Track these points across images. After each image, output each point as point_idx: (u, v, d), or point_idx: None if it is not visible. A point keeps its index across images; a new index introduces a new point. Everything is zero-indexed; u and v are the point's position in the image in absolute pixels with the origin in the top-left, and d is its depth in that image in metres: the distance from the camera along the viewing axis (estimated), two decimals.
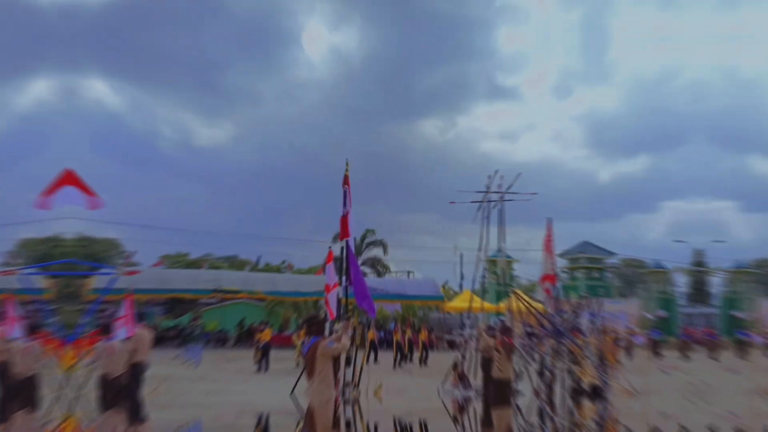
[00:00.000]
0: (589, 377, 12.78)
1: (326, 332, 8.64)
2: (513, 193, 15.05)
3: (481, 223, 15.32)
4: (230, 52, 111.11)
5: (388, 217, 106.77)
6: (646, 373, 16.78)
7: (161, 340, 37.24)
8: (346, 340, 8.07)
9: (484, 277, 16.10)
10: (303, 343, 11.10)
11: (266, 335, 24.00)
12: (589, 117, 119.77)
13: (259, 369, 22.67)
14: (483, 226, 15.32)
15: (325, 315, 9.79)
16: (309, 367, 7.82)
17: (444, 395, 15.02)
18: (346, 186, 9.83)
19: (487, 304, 37.20)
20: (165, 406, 13.95)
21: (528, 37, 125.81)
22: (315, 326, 8.16)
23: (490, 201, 15.40)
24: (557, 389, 12.77)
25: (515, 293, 13.01)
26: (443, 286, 46.80)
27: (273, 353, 24.22)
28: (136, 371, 11.32)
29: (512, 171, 15.23)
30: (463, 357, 15.29)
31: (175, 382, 18.30)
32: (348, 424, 9.10)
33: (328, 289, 9.59)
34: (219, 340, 38.93)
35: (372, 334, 26.34)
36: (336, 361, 8.12)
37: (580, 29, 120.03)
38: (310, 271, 56.75)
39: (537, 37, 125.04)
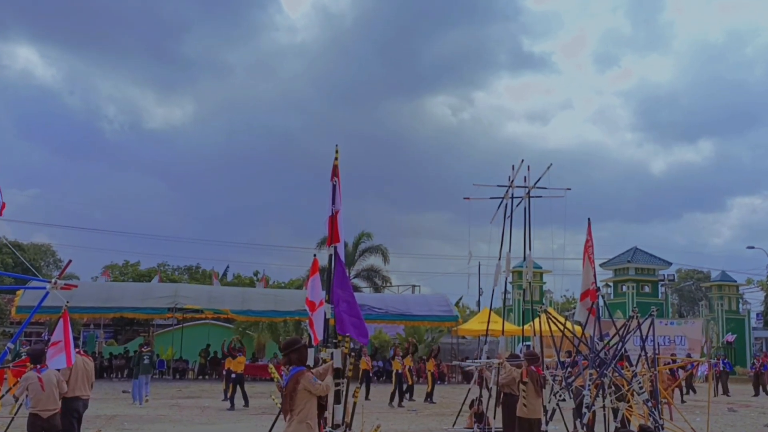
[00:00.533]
0: (638, 417, 12.84)
1: (310, 361, 8.67)
2: (542, 188, 15.10)
3: (503, 224, 15.38)
4: (190, 12, 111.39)
5: (389, 218, 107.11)
6: (709, 412, 16.80)
7: (105, 370, 37.37)
8: (329, 380, 8.10)
9: (506, 292, 16.16)
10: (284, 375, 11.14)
11: (239, 364, 24.00)
12: (639, 93, 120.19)
13: (231, 407, 22.73)
14: (504, 229, 15.37)
15: (309, 339, 9.83)
16: (287, 404, 7.88)
17: None
18: (336, 179, 9.87)
19: (510, 326, 37.32)
20: None
21: None
22: (295, 353, 8.20)
23: (513, 197, 15.45)
24: None
25: (546, 313, 13.05)
26: (457, 304, 46.86)
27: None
28: (72, 408, 11.40)
29: (543, 160, 15.29)
30: (486, 391, 15.35)
31: (122, 423, 18.34)
32: None
33: (312, 307, 9.62)
34: (177, 370, 39.02)
35: (365, 363, 26.31)
36: (322, 396, 8.16)
37: None
38: (290, 285, 56.90)
39: None
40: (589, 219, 14.33)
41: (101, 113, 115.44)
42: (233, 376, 23.51)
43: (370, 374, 29.06)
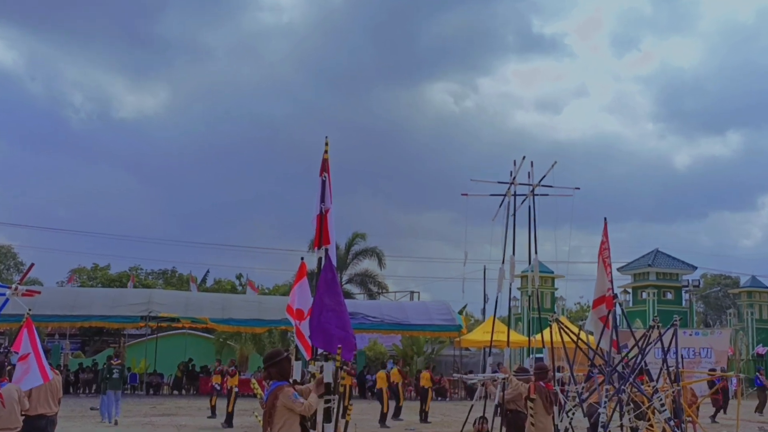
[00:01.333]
0: None
1: (293, 375, 8.64)
2: (547, 186, 15.12)
3: (505, 224, 15.39)
4: None
5: (384, 217, 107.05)
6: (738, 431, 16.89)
7: (72, 384, 37.34)
8: (313, 399, 8.09)
9: (510, 299, 16.16)
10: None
11: (233, 379, 24.46)
12: (661, 78, 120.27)
13: (227, 422, 23.21)
14: (507, 230, 15.38)
15: (297, 351, 9.84)
16: (266, 422, 7.92)
17: None
18: (325, 174, 9.88)
19: (517, 336, 37.27)
20: None
21: None
22: (275, 367, 8.18)
23: (516, 195, 15.45)
24: None
25: (558, 322, 13.08)
26: (462, 312, 46.87)
27: (220, 404, 24.52)
28: (35, 427, 11.40)
29: (554, 152, 15.32)
30: (498, 407, 15.34)
31: None
32: None
33: (300, 315, 9.64)
34: (151, 384, 39.02)
35: (349, 379, 26.19)
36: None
37: None
38: (275, 291, 56.87)
39: None
40: (605, 218, 14.37)
41: (66, 101, 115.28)
42: (236, 390, 24.16)
43: (353, 389, 29.00)
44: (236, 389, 24.14)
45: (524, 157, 15.26)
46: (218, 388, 25.38)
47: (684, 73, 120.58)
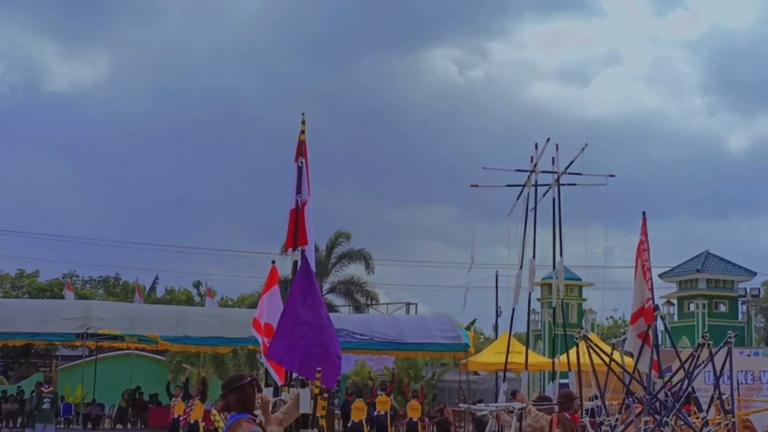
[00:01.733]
0: None
1: (255, 405, 8.54)
2: (575, 174, 15.09)
3: (525, 221, 15.38)
4: None
5: (374, 213, 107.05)
6: None
7: None
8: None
9: (530, 313, 16.15)
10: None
11: (198, 411, 24.26)
12: (711, 43, 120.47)
13: None
14: (526, 228, 15.37)
15: (267, 376, 9.80)
16: None
17: None
18: (302, 159, 9.86)
19: (537, 358, 37.18)
20: None
21: None
22: (235, 395, 8.09)
23: (537, 185, 15.42)
24: None
25: (586, 339, 13.08)
26: (469, 328, 46.84)
27: None
28: None
29: (581, 133, 15.27)
30: None
31: None
32: None
33: (270, 331, 9.60)
34: (89, 417, 38.94)
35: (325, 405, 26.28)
36: None
37: None
38: (241, 302, 56.84)
39: None
40: (643, 213, 14.37)
41: None
42: (203, 423, 24.17)
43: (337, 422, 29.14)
44: (202, 423, 24.02)
45: (548, 140, 15.21)
46: (180, 419, 25.19)
47: (739, 37, 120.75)
